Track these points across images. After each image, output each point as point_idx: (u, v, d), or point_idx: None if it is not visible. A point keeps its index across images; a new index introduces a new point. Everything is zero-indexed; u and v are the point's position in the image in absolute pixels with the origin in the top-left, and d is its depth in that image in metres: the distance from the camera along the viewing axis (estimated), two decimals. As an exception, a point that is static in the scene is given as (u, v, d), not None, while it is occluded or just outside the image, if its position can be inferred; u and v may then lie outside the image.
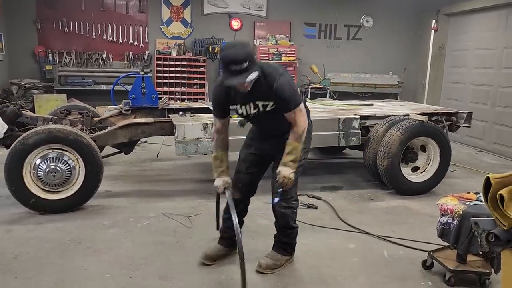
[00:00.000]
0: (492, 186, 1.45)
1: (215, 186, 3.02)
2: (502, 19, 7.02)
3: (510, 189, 1.44)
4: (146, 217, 3.97)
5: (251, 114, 2.88)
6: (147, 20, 8.63)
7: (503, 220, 1.43)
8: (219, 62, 3.02)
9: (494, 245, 1.46)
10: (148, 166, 5.88)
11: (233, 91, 2.78)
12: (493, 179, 1.45)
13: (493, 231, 1.45)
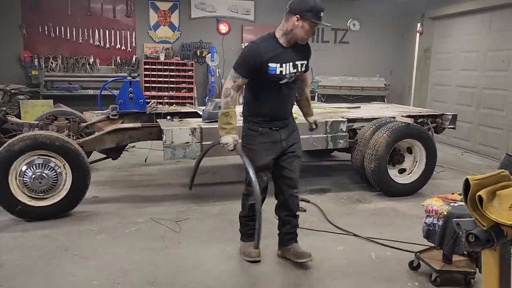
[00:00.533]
0: (471, 188, 1.48)
1: (224, 143, 2.96)
2: (485, 22, 7.15)
3: (488, 190, 1.47)
4: (134, 222, 3.95)
5: (288, 74, 2.95)
6: (135, 24, 8.61)
7: (482, 221, 1.46)
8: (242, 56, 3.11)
9: (474, 245, 1.49)
10: (136, 171, 5.85)
11: (279, 50, 2.92)
12: (472, 180, 1.49)
13: (473, 231, 1.48)
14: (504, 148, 6.73)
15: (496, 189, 1.49)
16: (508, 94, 6.65)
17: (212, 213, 4.24)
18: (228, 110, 2.96)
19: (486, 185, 1.48)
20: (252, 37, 8.93)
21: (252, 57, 2.92)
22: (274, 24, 9.35)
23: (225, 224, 3.95)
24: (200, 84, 8.88)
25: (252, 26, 9.03)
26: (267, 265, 3.20)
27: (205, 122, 4.59)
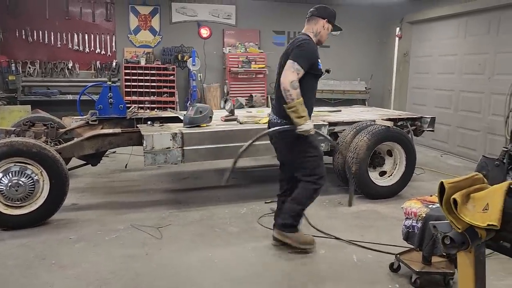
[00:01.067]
0: (446, 191, 1.50)
1: (306, 130, 3.22)
2: (462, 27, 7.31)
3: (463, 193, 1.49)
4: (114, 229, 3.89)
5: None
6: (114, 28, 8.51)
7: (457, 223, 1.48)
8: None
9: (449, 247, 1.51)
10: (116, 177, 5.78)
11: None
12: (447, 184, 1.51)
13: (448, 234, 1.50)
14: (481, 150, 6.87)
15: (470, 192, 1.52)
16: (484, 97, 6.80)
17: (194, 219, 4.20)
18: (301, 99, 3.19)
19: (460, 188, 1.50)
20: (234, 41, 8.95)
21: (313, 52, 3.34)
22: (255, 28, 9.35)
23: (207, 230, 3.92)
24: (181, 89, 8.83)
25: (234, 30, 9.03)
26: (248, 271, 3.19)
27: (187, 127, 4.56)
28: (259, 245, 3.60)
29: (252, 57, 8.73)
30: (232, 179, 5.73)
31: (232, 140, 4.55)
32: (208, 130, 4.52)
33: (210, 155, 4.54)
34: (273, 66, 9.00)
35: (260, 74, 8.80)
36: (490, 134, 6.69)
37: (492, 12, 6.58)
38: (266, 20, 9.14)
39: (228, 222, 4.12)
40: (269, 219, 4.18)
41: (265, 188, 5.25)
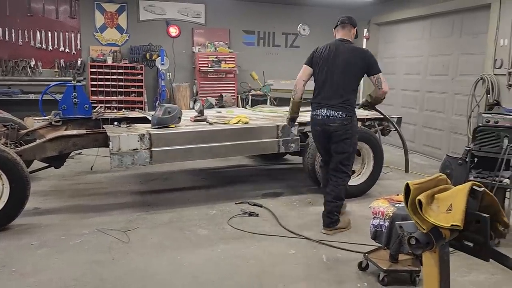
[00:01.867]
0: (411, 192, 1.52)
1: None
2: (426, 29, 7.51)
3: (427, 194, 1.51)
4: (79, 234, 3.77)
5: None
6: (79, 26, 8.26)
7: (422, 224, 1.50)
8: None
9: (415, 247, 1.52)
10: (82, 179, 5.60)
11: None
12: (412, 185, 1.52)
13: (414, 234, 1.52)
14: (445, 149, 7.09)
15: (434, 193, 1.54)
16: (448, 97, 7.01)
17: (162, 221, 4.12)
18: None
19: (425, 189, 1.52)
20: (203, 40, 8.87)
21: None
22: (225, 28, 9.26)
23: (176, 233, 3.86)
24: (150, 88, 8.67)
25: (203, 29, 8.95)
26: (218, 274, 3.15)
27: (155, 127, 4.47)
28: (229, 247, 3.56)
29: (222, 56, 8.67)
30: (201, 180, 5.68)
31: (202, 141, 4.50)
32: (177, 131, 4.45)
33: (179, 156, 4.47)
34: (243, 66, 9.01)
35: (230, 74, 8.76)
36: (454, 133, 6.90)
37: (455, 14, 6.79)
38: (236, 19, 9.10)
39: (198, 224, 4.07)
40: (239, 220, 4.16)
41: (234, 189, 5.22)
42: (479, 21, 6.26)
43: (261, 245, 3.63)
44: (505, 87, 5.62)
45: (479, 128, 3.56)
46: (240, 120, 4.93)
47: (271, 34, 9.45)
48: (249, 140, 4.74)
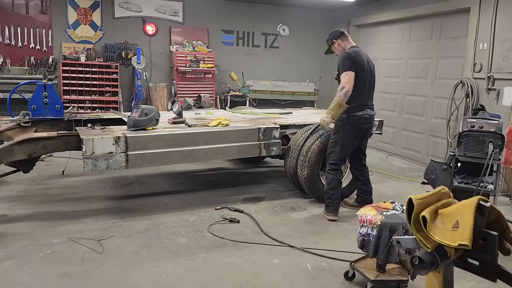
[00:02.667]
0: (414, 208, 1.41)
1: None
2: (406, 31, 7.52)
3: (431, 210, 1.41)
4: (49, 244, 3.53)
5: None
6: (51, 22, 7.90)
7: (426, 242, 1.39)
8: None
9: (419, 268, 1.42)
10: (53, 183, 5.32)
11: None
12: (416, 200, 1.41)
13: (417, 254, 1.41)
14: (425, 152, 7.12)
15: (438, 208, 1.44)
16: (427, 100, 7.04)
17: (139, 229, 3.92)
18: None
19: (428, 204, 1.41)
20: (181, 39, 8.65)
21: None
22: (203, 26, 9.08)
23: (153, 241, 3.67)
24: (125, 88, 8.39)
25: (181, 28, 8.72)
26: (198, 285, 2.99)
27: (131, 130, 4.27)
28: (209, 257, 3.41)
29: (201, 56, 8.48)
30: (179, 184, 5.50)
31: (180, 144, 4.33)
32: (155, 134, 4.26)
33: (157, 160, 4.27)
34: (222, 66, 8.84)
35: (209, 74, 8.57)
36: (433, 136, 6.93)
37: (434, 18, 6.82)
38: (215, 18, 8.92)
39: (177, 232, 3.89)
40: (219, 227, 4.01)
41: (214, 193, 5.06)
42: (459, 25, 6.29)
43: (243, 254, 3.48)
44: (484, 91, 5.65)
45: (464, 133, 3.52)
46: (220, 123, 4.77)
47: (251, 34, 9.31)
48: (230, 143, 4.59)
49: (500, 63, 5.44)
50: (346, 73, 4.09)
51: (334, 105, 4.08)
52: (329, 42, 4.42)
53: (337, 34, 4.37)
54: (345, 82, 4.06)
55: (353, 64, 4.12)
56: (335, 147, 4.28)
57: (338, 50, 4.38)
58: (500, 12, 5.43)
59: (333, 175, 4.28)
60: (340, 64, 4.16)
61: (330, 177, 4.28)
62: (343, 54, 4.21)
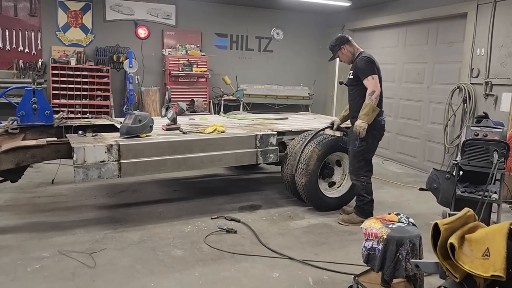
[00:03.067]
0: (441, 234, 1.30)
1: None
2: (402, 36, 7.47)
3: (459, 236, 1.30)
4: (38, 257, 3.37)
5: (346, 81, 4.39)
6: (40, 24, 7.70)
7: (454, 272, 1.29)
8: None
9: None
10: (42, 191, 5.14)
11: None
12: (442, 225, 1.31)
13: (444, 284, 1.30)
14: (421, 157, 7.06)
15: (464, 232, 1.33)
16: (423, 105, 6.98)
17: (132, 241, 3.78)
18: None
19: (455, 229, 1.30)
20: (174, 43, 8.51)
21: None
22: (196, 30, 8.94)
23: (148, 254, 3.52)
24: (117, 92, 8.21)
25: (174, 31, 8.58)
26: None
27: (124, 137, 4.12)
28: (207, 270, 3.28)
29: (194, 60, 8.33)
30: (173, 192, 5.35)
31: (175, 152, 4.19)
32: (148, 141, 4.12)
33: (151, 169, 4.13)
34: (216, 70, 8.70)
35: (202, 78, 8.43)
36: (429, 141, 6.87)
37: (430, 23, 6.77)
38: (208, 21, 8.79)
39: (172, 244, 3.75)
40: (216, 238, 3.88)
41: (209, 201, 4.93)
42: (455, 29, 6.25)
43: (241, 267, 3.36)
44: (482, 96, 5.60)
45: (468, 142, 3.43)
46: (216, 129, 4.64)
47: (244, 38, 9.19)
48: (226, 150, 4.46)
49: (498, 68, 5.39)
50: (373, 77, 4.02)
51: (368, 109, 3.98)
52: (336, 48, 4.27)
53: (344, 39, 4.27)
54: (374, 85, 4.00)
55: (375, 68, 4.08)
56: (365, 154, 4.22)
57: (346, 55, 4.27)
58: (498, 17, 5.39)
59: (368, 181, 4.28)
60: (364, 68, 4.05)
61: (364, 183, 4.25)
62: (364, 58, 4.10)
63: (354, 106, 4.23)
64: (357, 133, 4.05)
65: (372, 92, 4.00)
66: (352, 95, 4.29)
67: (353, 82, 4.21)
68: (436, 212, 4.70)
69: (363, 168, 4.25)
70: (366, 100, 4.01)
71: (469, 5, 5.80)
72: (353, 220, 4.31)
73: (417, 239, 2.71)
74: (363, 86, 4.08)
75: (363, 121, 4.01)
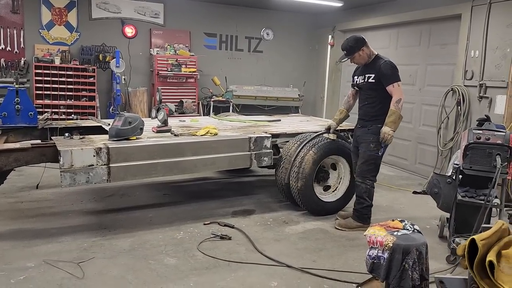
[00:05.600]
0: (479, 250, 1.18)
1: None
2: (393, 37, 7.43)
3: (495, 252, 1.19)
4: (23, 268, 3.17)
5: (360, 83, 4.22)
6: (23, 22, 7.43)
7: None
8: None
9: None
10: (26, 196, 4.91)
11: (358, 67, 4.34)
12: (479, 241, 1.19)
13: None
14: (412, 159, 7.01)
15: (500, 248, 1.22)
16: (415, 107, 6.94)
17: (122, 249, 3.60)
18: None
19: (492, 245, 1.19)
20: (162, 42, 8.32)
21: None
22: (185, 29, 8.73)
23: (139, 263, 3.36)
24: (103, 92, 7.98)
25: (162, 30, 8.38)
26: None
27: (113, 140, 3.94)
28: (202, 280, 3.13)
29: (183, 60, 8.15)
30: (163, 196, 5.18)
31: (167, 155, 4.03)
32: (139, 144, 3.94)
33: (141, 173, 3.96)
34: (205, 70, 8.54)
35: (191, 79, 8.26)
36: (421, 144, 6.84)
37: (422, 24, 6.73)
38: (197, 21, 8.62)
39: (164, 251, 3.58)
40: (210, 245, 3.73)
41: (201, 206, 4.78)
42: (448, 31, 6.22)
43: (238, 276, 3.21)
44: (476, 99, 5.57)
45: (470, 145, 3.36)
46: (209, 132, 4.49)
47: (234, 38, 9.05)
48: (220, 154, 4.32)
49: (492, 70, 5.36)
50: (398, 84, 3.99)
51: (395, 117, 3.94)
52: (356, 50, 4.06)
53: (364, 41, 4.10)
54: (400, 93, 3.98)
55: (399, 74, 4.05)
56: (377, 160, 4.15)
57: (363, 57, 4.12)
58: (493, 19, 5.36)
59: (372, 185, 4.19)
60: (390, 74, 3.98)
61: (369, 187, 4.17)
62: (389, 63, 4.02)
63: (371, 111, 4.13)
64: (385, 140, 3.99)
65: (399, 100, 3.95)
66: (369, 99, 4.15)
67: (372, 86, 4.08)
68: (432, 216, 4.64)
69: (371, 172, 4.15)
70: (393, 108, 3.94)
71: (464, 6, 5.76)
72: (350, 225, 4.21)
73: (423, 247, 2.61)
74: (384, 91, 4.01)
75: (391, 128, 3.95)
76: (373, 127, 4.09)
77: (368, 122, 4.14)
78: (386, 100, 4.00)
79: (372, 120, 4.10)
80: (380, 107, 4.05)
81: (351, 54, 4.10)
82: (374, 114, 4.10)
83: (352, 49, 4.09)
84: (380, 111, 4.05)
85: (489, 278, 1.17)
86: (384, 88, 4.00)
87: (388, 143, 4.05)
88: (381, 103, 4.06)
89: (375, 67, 4.07)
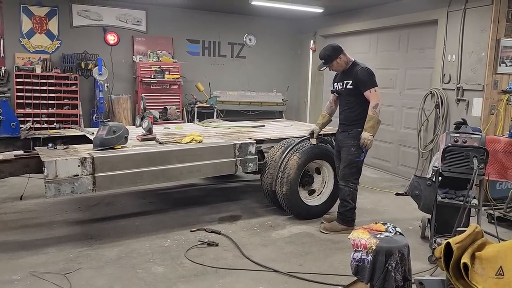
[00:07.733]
0: (454, 253, 1.25)
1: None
2: (373, 42, 7.58)
3: (469, 254, 1.26)
4: (8, 281, 3.15)
5: (339, 89, 4.33)
6: (3, 31, 7.34)
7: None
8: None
9: (458, 320, 1.26)
10: (8, 207, 4.86)
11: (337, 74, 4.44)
12: (454, 244, 1.26)
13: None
14: (395, 162, 7.15)
15: (474, 250, 1.29)
16: (396, 110, 7.09)
17: (109, 258, 3.60)
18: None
19: (467, 247, 1.26)
20: (145, 49, 8.31)
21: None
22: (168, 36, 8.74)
23: (127, 272, 3.36)
24: (86, 101, 7.92)
25: (145, 37, 8.37)
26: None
27: (97, 149, 3.94)
28: (190, 287, 3.15)
29: (166, 66, 8.16)
30: (149, 204, 5.18)
31: (152, 163, 4.05)
32: (124, 153, 3.95)
33: (127, 182, 3.96)
34: (188, 77, 8.56)
35: (175, 85, 8.26)
36: (403, 146, 6.98)
37: (401, 29, 6.89)
38: (180, 27, 8.63)
39: (151, 260, 3.59)
40: (197, 252, 3.76)
41: (187, 213, 4.80)
42: (426, 36, 6.38)
43: (226, 283, 3.25)
44: (454, 101, 5.73)
45: (448, 148, 3.47)
46: (194, 139, 4.52)
47: (217, 44, 9.09)
48: (205, 161, 4.35)
49: (469, 74, 5.53)
50: (375, 89, 4.10)
51: (373, 122, 4.05)
52: (333, 58, 4.18)
53: (341, 49, 4.24)
54: (377, 98, 4.08)
55: (375, 80, 4.16)
56: (359, 163, 4.24)
57: (340, 65, 4.24)
58: (468, 25, 5.53)
59: (354, 188, 4.27)
60: (366, 79, 4.09)
61: (352, 190, 4.25)
62: (365, 69, 4.14)
63: (351, 115, 4.24)
64: (365, 146, 4.09)
65: (376, 105, 4.06)
66: (348, 104, 4.26)
67: (351, 92, 4.19)
68: (414, 217, 4.75)
69: (354, 175, 4.25)
70: (371, 113, 4.05)
71: (440, 12, 5.93)
72: (335, 229, 4.29)
73: (405, 249, 2.69)
74: (362, 97, 4.11)
75: (370, 133, 4.06)
76: (354, 131, 4.19)
77: (349, 126, 4.24)
78: (365, 104, 4.11)
79: (353, 124, 4.21)
80: (360, 112, 4.16)
81: (329, 63, 4.22)
82: (354, 118, 4.20)
83: (330, 58, 4.20)
84: (359, 116, 4.16)
85: (464, 279, 1.24)
86: (362, 94, 4.11)
87: (369, 148, 4.15)
88: (360, 108, 4.16)
89: (352, 73, 4.18)
